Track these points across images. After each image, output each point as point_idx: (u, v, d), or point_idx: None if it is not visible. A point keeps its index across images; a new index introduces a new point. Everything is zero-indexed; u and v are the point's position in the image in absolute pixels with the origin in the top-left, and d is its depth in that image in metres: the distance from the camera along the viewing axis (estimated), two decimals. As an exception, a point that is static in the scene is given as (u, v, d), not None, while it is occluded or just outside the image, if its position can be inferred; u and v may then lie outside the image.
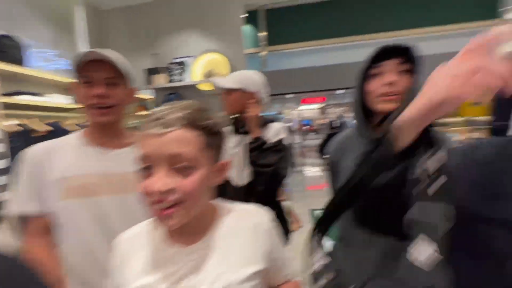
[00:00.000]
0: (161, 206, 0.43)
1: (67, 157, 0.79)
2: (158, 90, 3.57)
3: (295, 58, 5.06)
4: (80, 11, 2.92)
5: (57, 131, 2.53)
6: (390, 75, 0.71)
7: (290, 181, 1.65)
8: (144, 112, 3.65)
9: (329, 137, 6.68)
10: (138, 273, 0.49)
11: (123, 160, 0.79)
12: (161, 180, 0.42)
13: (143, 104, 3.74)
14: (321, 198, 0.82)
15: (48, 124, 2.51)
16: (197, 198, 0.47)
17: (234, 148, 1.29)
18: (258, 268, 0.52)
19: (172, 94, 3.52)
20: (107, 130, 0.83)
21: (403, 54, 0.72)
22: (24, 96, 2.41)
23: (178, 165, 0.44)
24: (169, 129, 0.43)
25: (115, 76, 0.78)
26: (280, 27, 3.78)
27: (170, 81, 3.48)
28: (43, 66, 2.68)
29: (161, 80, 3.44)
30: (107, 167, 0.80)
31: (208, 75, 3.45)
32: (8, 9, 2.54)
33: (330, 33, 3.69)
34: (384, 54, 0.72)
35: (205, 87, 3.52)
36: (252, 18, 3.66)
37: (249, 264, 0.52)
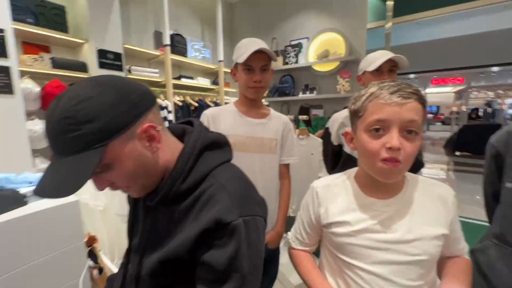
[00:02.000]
0: (390, 161, 0.52)
1: (226, 121, 1.04)
2: (274, 72, 3.87)
3: (425, 28, 4.17)
4: (219, 7, 3.50)
5: (202, 106, 3.30)
6: None
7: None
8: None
9: (466, 129, 5.06)
10: (341, 211, 0.63)
11: (263, 127, 1.03)
12: (398, 139, 0.51)
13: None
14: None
15: (196, 101, 3.30)
16: (412, 161, 0.54)
17: None
18: (443, 231, 0.59)
19: (286, 76, 3.75)
20: (253, 103, 1.07)
21: None
22: (184, 79, 3.24)
23: (410, 128, 0.52)
24: (408, 100, 0.52)
25: (267, 64, 0.99)
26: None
27: (286, 63, 3.70)
28: (195, 56, 3.48)
29: (277, 63, 3.70)
30: (252, 132, 1.04)
31: (323, 55, 3.42)
32: (176, 12, 3.36)
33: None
34: None
35: (319, 68, 3.53)
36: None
37: (436, 226, 0.59)
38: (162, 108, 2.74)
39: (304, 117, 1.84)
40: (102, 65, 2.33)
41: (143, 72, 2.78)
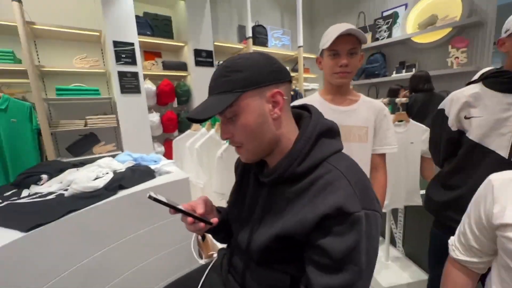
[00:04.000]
0: None
1: None
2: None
3: None
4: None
5: (296, 93, 3.28)
6: None
7: None
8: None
9: None
10: None
11: (351, 115, 0.97)
12: None
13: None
14: None
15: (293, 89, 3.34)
16: None
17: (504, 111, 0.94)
18: None
19: (375, 54, 3.30)
20: (339, 90, 0.99)
21: None
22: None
23: None
24: None
25: (356, 47, 0.90)
26: None
27: (376, 39, 3.24)
28: (275, 44, 3.51)
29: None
30: (339, 120, 0.94)
31: (428, 23, 2.79)
32: (256, 3, 3.45)
33: None
34: None
35: (421, 39, 2.92)
36: None
37: None
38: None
39: (403, 99, 1.57)
40: (197, 63, 2.68)
41: (229, 66, 3.03)
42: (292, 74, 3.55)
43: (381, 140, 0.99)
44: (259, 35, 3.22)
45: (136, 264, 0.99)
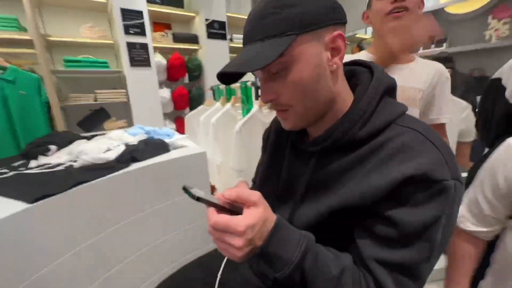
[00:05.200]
0: None
1: None
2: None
3: None
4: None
5: None
6: None
7: None
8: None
9: None
10: None
11: (407, 74, 0.82)
12: None
13: (359, 45, 3.59)
14: None
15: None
16: None
17: None
18: None
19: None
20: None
21: None
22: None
23: None
24: None
25: None
26: None
27: (403, 11, 2.94)
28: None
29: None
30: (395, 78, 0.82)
31: (466, -10, 2.48)
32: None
33: None
34: None
35: (456, 9, 2.62)
36: None
37: None
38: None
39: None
40: (209, 35, 2.51)
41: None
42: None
43: (440, 108, 0.85)
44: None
45: (150, 242, 0.93)
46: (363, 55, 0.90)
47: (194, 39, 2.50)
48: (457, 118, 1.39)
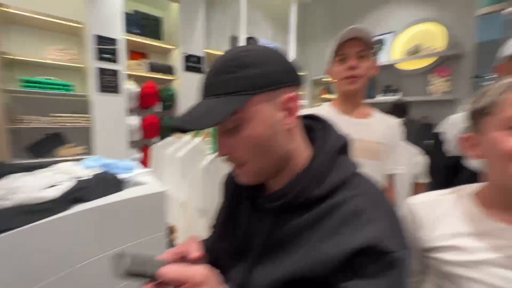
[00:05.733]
0: None
1: None
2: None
3: None
4: (293, 8, 3.43)
5: None
6: None
7: None
8: (327, 96, 3.83)
9: None
10: (453, 234, 0.52)
11: (366, 129, 0.90)
12: None
13: (326, 88, 3.92)
14: None
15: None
16: None
17: None
18: None
19: (363, 77, 3.38)
20: (352, 101, 0.93)
21: None
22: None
23: None
24: None
25: (365, 49, 0.86)
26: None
27: (364, 63, 3.33)
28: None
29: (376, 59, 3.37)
30: (353, 133, 0.88)
31: (413, 51, 2.92)
32: (249, 15, 3.45)
33: None
34: None
35: (405, 66, 3.03)
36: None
37: None
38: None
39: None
40: (187, 68, 2.56)
41: (219, 75, 2.95)
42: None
43: (396, 159, 0.92)
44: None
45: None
46: (325, 108, 0.96)
47: (169, 70, 2.53)
48: (410, 163, 1.51)
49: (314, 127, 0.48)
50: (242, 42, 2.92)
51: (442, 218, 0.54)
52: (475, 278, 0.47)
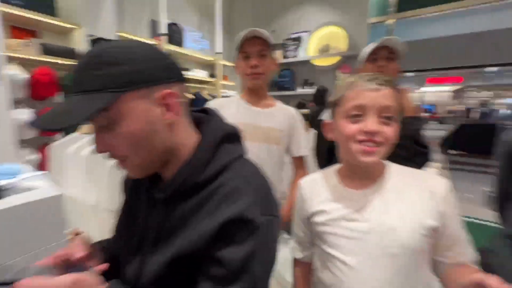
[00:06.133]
0: (368, 144, 0.55)
1: (230, 110, 1.02)
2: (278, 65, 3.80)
3: (427, 25, 4.11)
4: (218, -3, 3.38)
5: (199, 99, 3.20)
6: None
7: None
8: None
9: (463, 128, 5.17)
10: (322, 201, 0.65)
11: (268, 117, 1.02)
12: (375, 123, 0.55)
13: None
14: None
15: (192, 93, 3.20)
16: (391, 145, 0.57)
17: None
18: (428, 223, 0.55)
19: (285, 70, 3.67)
20: (257, 94, 1.05)
21: None
22: (181, 71, 3.14)
23: (386, 114, 0.55)
24: (384, 87, 0.56)
25: (265, 49, 0.97)
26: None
27: (284, 57, 3.61)
28: (193, 47, 3.36)
29: (276, 56, 3.62)
30: (256, 121, 1.02)
31: (324, 50, 3.35)
32: (172, 1, 3.24)
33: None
34: None
35: (319, 62, 3.46)
36: (382, -20, 3.17)
37: (417, 217, 0.56)
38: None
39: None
40: (94, 53, 2.22)
41: (137, 62, 2.68)
42: (210, 79, 3.49)
43: (298, 143, 1.08)
44: (174, 34, 3.01)
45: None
46: (235, 98, 1.07)
47: (70, 54, 2.14)
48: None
49: (202, 120, 0.52)
50: (163, 28, 2.72)
51: (316, 191, 0.68)
52: (331, 232, 0.61)
